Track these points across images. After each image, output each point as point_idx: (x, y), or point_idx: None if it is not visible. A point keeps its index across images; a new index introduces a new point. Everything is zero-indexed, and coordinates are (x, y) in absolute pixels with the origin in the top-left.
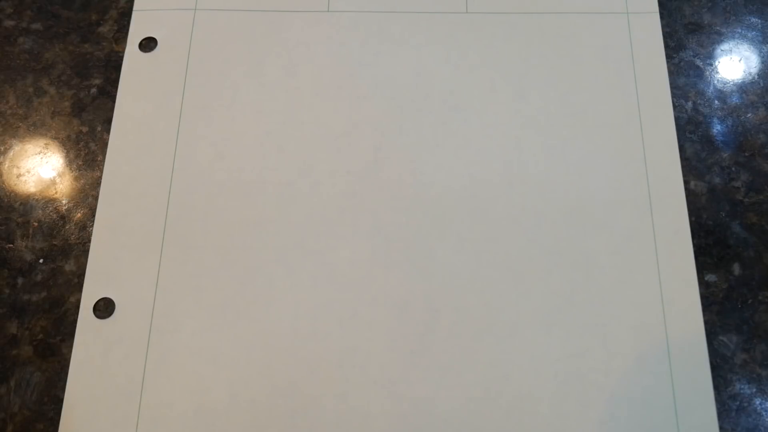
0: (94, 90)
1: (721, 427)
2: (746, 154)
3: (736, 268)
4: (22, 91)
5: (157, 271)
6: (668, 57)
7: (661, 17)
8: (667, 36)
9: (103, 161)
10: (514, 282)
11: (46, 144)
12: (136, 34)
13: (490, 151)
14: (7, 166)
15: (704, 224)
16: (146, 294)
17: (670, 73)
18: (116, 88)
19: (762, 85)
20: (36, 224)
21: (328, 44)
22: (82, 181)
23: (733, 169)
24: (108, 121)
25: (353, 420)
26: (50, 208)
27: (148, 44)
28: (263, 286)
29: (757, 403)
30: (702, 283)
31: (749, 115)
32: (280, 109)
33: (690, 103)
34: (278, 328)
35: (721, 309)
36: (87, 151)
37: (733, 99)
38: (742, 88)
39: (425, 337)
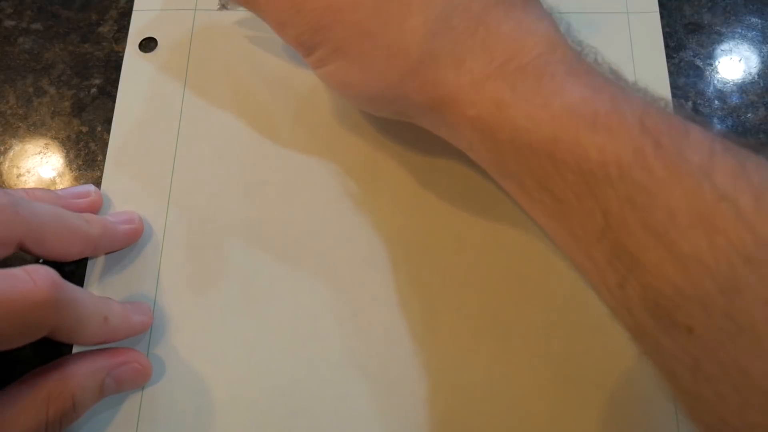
0: (94, 90)
1: None
2: None
3: None
4: (22, 91)
5: (157, 270)
6: (668, 57)
7: (661, 17)
8: (667, 36)
9: (103, 161)
10: (515, 282)
11: (46, 144)
12: (136, 34)
13: None
14: (7, 166)
15: None
16: (147, 294)
17: (670, 73)
18: (116, 88)
19: (762, 85)
20: None
21: None
22: (82, 181)
23: None
24: (108, 121)
25: (353, 420)
26: None
27: (148, 44)
28: (263, 286)
29: None
30: None
31: (749, 115)
32: (280, 108)
33: (690, 103)
34: (278, 328)
35: None
36: (87, 151)
37: (733, 99)
38: (742, 88)
39: (425, 337)
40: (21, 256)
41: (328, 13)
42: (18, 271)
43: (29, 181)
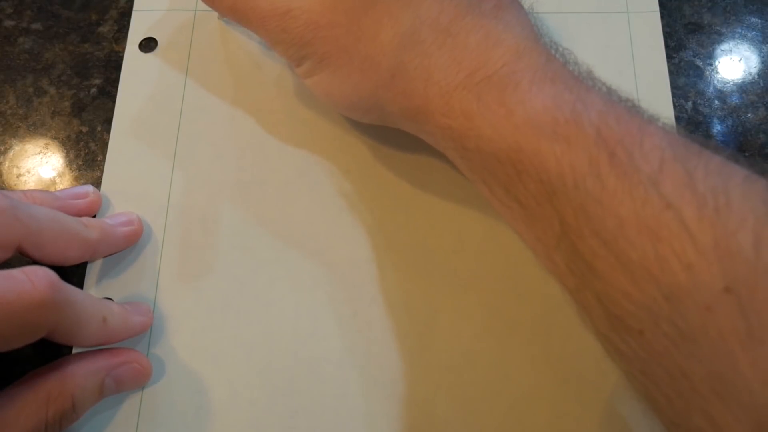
0: (94, 90)
1: None
2: (746, 154)
3: None
4: (22, 91)
5: (156, 271)
6: (668, 57)
7: (661, 17)
8: (667, 36)
9: (103, 161)
10: (515, 282)
11: (46, 144)
12: (136, 34)
13: None
14: (7, 166)
15: None
16: (146, 294)
17: (670, 73)
18: (116, 88)
19: (762, 85)
20: None
21: None
22: (82, 181)
23: None
24: (108, 121)
25: (353, 420)
26: None
27: (148, 44)
28: (263, 286)
29: None
30: None
31: (749, 115)
32: (280, 108)
33: (690, 103)
34: (278, 328)
35: None
36: (87, 151)
37: (733, 99)
38: (742, 88)
39: (425, 337)
40: (20, 258)
41: (309, 30)
42: (16, 272)
43: (29, 181)
